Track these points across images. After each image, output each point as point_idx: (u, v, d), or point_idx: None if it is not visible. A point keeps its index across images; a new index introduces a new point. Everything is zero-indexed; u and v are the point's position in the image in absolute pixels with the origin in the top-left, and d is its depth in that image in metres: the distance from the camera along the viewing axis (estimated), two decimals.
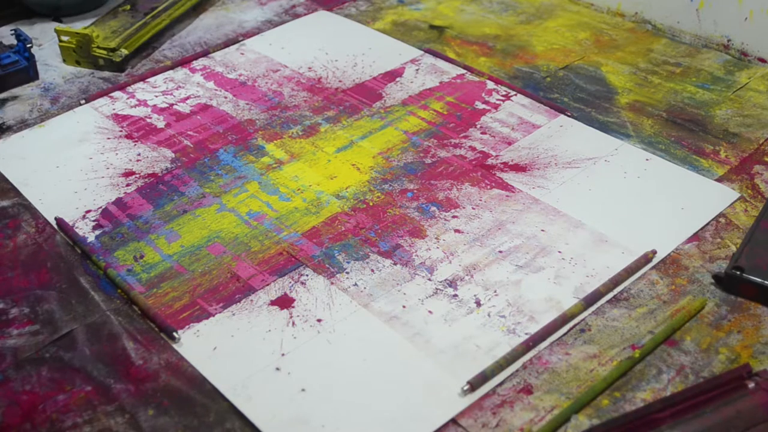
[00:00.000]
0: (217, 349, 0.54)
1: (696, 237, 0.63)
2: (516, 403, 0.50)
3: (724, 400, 0.49)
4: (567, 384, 0.52)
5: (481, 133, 0.75)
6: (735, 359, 0.53)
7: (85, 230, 0.64)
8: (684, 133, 0.74)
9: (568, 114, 0.76)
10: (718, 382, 0.50)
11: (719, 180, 0.68)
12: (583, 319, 0.56)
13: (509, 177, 0.69)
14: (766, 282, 0.56)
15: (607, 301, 0.57)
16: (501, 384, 0.52)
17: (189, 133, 0.76)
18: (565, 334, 0.55)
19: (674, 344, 0.54)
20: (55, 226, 0.65)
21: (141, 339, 0.55)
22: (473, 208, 0.65)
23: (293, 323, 0.56)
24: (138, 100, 0.81)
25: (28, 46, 0.83)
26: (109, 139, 0.75)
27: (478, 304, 0.57)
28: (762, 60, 0.84)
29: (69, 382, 0.53)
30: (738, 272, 0.57)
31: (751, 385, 0.50)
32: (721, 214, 0.65)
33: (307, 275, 0.59)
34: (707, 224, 0.64)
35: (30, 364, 0.54)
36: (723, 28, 0.86)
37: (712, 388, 0.49)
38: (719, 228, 0.63)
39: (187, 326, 0.56)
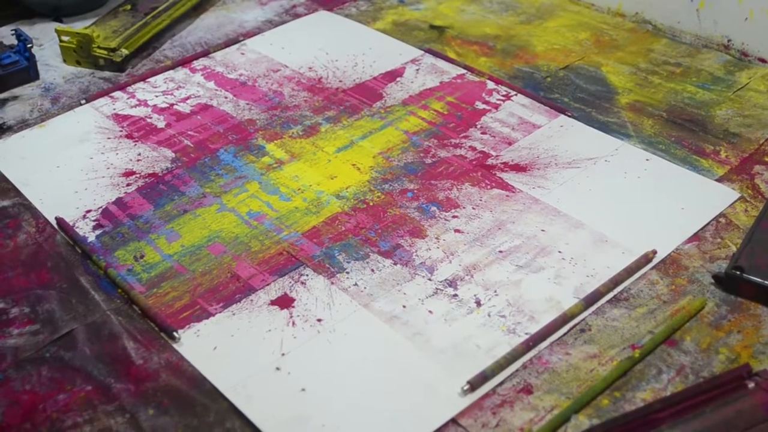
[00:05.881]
0: (217, 348, 0.54)
1: (696, 237, 0.63)
2: (516, 403, 0.50)
3: (724, 400, 0.49)
4: (567, 384, 0.52)
5: (482, 133, 0.75)
6: (735, 359, 0.53)
7: (86, 230, 0.65)
8: (684, 133, 0.74)
9: (569, 114, 0.76)
10: (718, 382, 0.50)
11: (719, 180, 0.68)
12: (583, 319, 0.56)
13: (509, 177, 0.69)
14: (766, 282, 0.56)
15: (607, 301, 0.57)
16: (501, 384, 0.52)
17: (189, 133, 0.76)
18: (565, 334, 0.55)
19: (674, 344, 0.54)
20: (56, 226, 0.65)
21: (141, 339, 0.55)
22: (473, 208, 0.65)
23: (293, 323, 0.56)
24: (138, 100, 0.81)
25: (29, 46, 0.83)
26: (109, 139, 0.75)
27: (479, 303, 0.57)
28: (762, 60, 0.84)
29: (69, 382, 0.53)
30: (738, 272, 0.57)
31: (751, 385, 0.50)
32: (721, 214, 0.65)
33: (307, 275, 0.59)
34: (707, 224, 0.64)
35: (30, 364, 0.54)
36: (723, 28, 0.86)
37: (712, 388, 0.49)
38: (719, 228, 0.63)
39: (187, 326, 0.56)
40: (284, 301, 0.57)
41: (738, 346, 0.54)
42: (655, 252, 0.60)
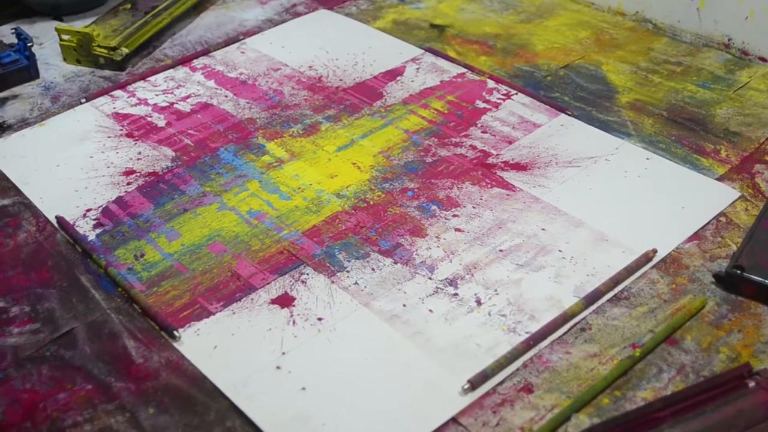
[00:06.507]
0: (217, 347, 0.54)
1: (697, 236, 0.63)
2: (516, 402, 0.50)
3: (724, 399, 0.49)
4: (567, 383, 0.52)
5: (482, 132, 0.74)
6: (735, 358, 0.53)
7: (86, 229, 0.64)
8: (684, 132, 0.74)
9: (569, 113, 0.76)
10: (719, 381, 0.50)
11: (720, 179, 0.68)
12: (584, 318, 0.56)
13: (510, 176, 0.69)
14: (766, 281, 0.56)
15: (608, 300, 0.57)
16: (501, 383, 0.52)
17: (189, 131, 0.76)
18: (565, 333, 0.55)
19: (675, 343, 0.54)
20: (56, 225, 0.65)
21: (141, 337, 0.55)
22: (474, 207, 0.65)
23: (294, 322, 0.56)
24: (138, 98, 0.81)
25: (29, 44, 0.83)
26: (109, 137, 0.75)
27: (479, 302, 0.57)
28: (762, 59, 0.84)
29: (69, 381, 0.53)
30: (738, 271, 0.57)
31: (752, 384, 0.50)
32: (721, 213, 0.65)
33: (307, 274, 0.59)
34: (708, 223, 0.64)
35: (30, 363, 0.54)
36: (723, 27, 0.86)
37: (713, 387, 0.49)
38: (720, 227, 0.63)
39: (187, 325, 0.56)
40: (285, 300, 0.57)
41: (738, 345, 0.54)
42: (655, 251, 0.60)
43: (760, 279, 0.56)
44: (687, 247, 0.62)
